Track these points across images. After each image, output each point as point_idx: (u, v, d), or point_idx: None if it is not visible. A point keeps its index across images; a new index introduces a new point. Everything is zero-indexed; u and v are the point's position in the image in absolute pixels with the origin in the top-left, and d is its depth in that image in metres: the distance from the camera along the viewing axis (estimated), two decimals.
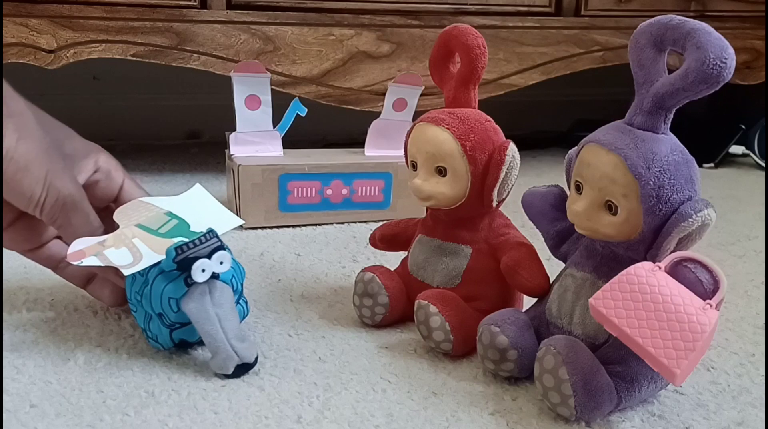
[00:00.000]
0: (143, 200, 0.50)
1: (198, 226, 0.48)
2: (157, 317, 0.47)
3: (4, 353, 0.48)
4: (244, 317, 0.52)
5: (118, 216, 0.48)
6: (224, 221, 0.50)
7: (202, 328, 0.45)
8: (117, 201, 0.51)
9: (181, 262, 0.44)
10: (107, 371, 0.46)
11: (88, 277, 0.53)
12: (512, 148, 0.50)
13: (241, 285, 0.50)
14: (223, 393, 0.44)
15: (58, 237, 0.52)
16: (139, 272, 0.46)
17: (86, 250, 0.44)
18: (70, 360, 0.48)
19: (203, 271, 0.45)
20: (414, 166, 0.52)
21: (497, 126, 0.52)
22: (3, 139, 0.41)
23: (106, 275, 0.50)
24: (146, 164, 1.12)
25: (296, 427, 0.41)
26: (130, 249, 0.45)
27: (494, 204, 0.51)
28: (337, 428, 0.41)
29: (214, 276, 0.46)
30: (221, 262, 0.45)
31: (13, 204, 0.44)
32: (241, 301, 0.51)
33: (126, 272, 0.44)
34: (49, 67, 0.88)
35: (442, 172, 0.50)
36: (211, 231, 0.46)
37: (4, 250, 0.69)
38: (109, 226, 0.48)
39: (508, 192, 0.51)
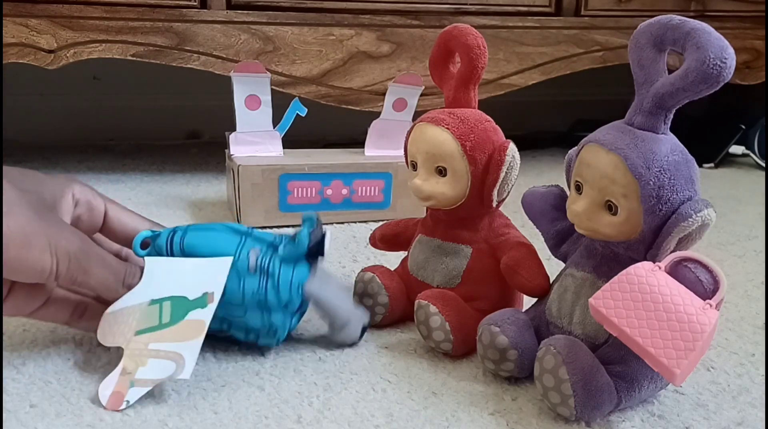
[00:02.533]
0: (111, 311, 0.46)
1: (191, 292, 0.46)
2: (281, 309, 0.47)
3: (4, 353, 0.48)
4: None
5: (107, 339, 0.45)
6: (213, 268, 0.47)
7: (333, 303, 0.48)
8: (104, 228, 0.48)
9: (314, 246, 0.48)
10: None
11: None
12: (512, 148, 0.50)
13: None
14: (223, 393, 0.44)
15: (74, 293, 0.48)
16: (237, 275, 0.46)
17: (119, 389, 0.42)
18: (70, 360, 0.48)
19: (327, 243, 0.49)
20: (414, 166, 0.52)
21: (497, 126, 0.52)
22: None
23: None
24: (146, 164, 1.12)
25: (296, 427, 0.41)
26: (156, 356, 0.43)
27: (494, 204, 0.51)
28: (337, 428, 0.41)
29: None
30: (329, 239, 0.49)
31: (24, 281, 0.41)
32: None
33: (183, 375, 0.42)
34: (49, 67, 0.88)
35: (442, 172, 0.50)
36: (309, 217, 0.48)
37: None
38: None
39: (508, 192, 0.51)
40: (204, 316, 0.45)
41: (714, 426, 0.43)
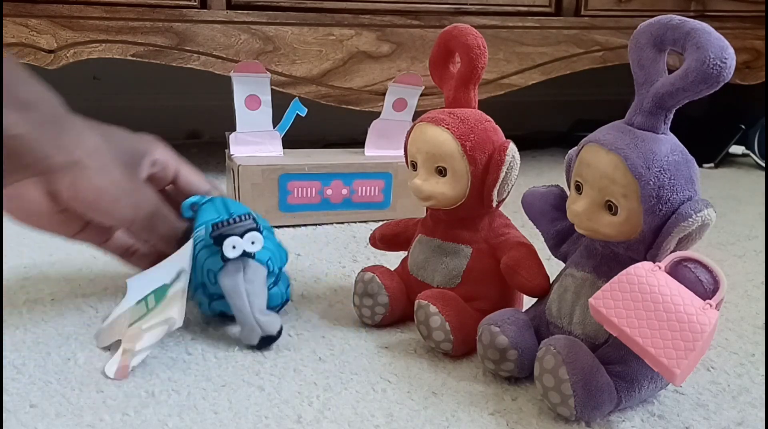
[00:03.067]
0: (105, 325, 0.52)
1: (168, 277, 0.50)
2: (200, 286, 0.51)
3: (4, 353, 0.48)
4: (283, 300, 0.55)
5: (104, 342, 0.50)
6: (181, 251, 0.51)
7: (233, 302, 0.49)
8: (174, 183, 0.56)
9: (216, 238, 0.49)
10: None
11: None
12: (512, 148, 0.50)
13: (280, 268, 0.54)
14: (223, 393, 0.44)
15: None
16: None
17: (124, 363, 0.46)
18: (70, 360, 0.48)
19: (234, 247, 0.49)
20: (414, 166, 0.52)
21: (497, 126, 0.52)
22: (94, 178, 0.47)
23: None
24: None
25: (296, 427, 0.41)
26: (150, 330, 0.47)
27: (494, 204, 0.51)
28: (337, 428, 0.41)
29: (249, 255, 0.49)
30: (252, 242, 0.49)
31: (106, 224, 0.51)
32: (281, 284, 0.55)
33: (178, 325, 0.47)
34: (49, 67, 0.88)
35: (442, 172, 0.50)
36: (248, 213, 0.50)
37: (4, 250, 0.69)
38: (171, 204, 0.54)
39: (508, 192, 0.51)
40: (180, 287, 0.49)
41: (714, 426, 0.43)
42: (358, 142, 0.88)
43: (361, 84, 1.00)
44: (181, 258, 0.51)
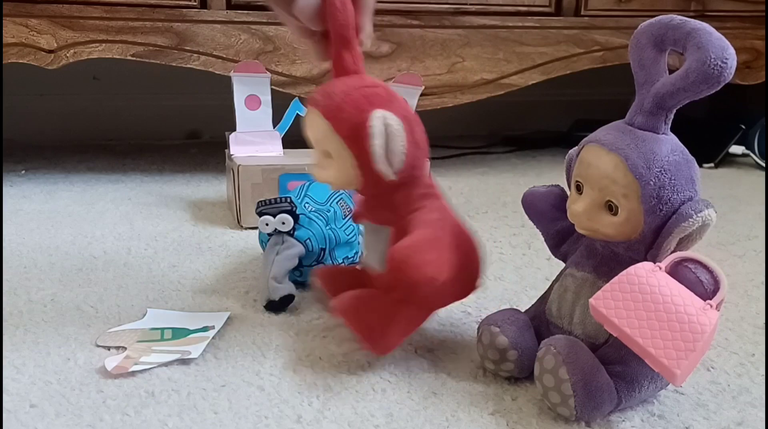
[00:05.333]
0: (111, 331, 0.52)
1: (191, 325, 0.53)
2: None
3: (4, 353, 0.48)
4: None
5: (106, 342, 0.51)
6: (212, 316, 0.55)
7: (262, 268, 0.57)
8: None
9: (258, 214, 0.58)
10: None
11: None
12: (379, 115, 0.44)
13: (322, 249, 0.60)
14: (223, 393, 0.44)
15: None
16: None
17: (124, 364, 0.47)
18: (70, 360, 0.48)
19: (267, 225, 0.58)
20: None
21: (379, 91, 0.48)
22: None
23: None
24: (146, 164, 1.12)
25: (296, 427, 0.41)
26: (160, 352, 0.48)
27: (392, 176, 0.46)
28: (337, 428, 0.41)
29: (287, 232, 0.58)
30: (283, 223, 0.57)
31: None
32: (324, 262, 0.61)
33: (193, 356, 0.48)
34: (49, 67, 0.88)
35: (328, 155, 0.47)
36: (288, 197, 0.58)
37: (5, 249, 0.69)
38: None
39: (402, 160, 0.46)
40: (207, 334, 0.51)
41: (714, 426, 0.43)
42: None
43: None
44: (210, 319, 0.54)
